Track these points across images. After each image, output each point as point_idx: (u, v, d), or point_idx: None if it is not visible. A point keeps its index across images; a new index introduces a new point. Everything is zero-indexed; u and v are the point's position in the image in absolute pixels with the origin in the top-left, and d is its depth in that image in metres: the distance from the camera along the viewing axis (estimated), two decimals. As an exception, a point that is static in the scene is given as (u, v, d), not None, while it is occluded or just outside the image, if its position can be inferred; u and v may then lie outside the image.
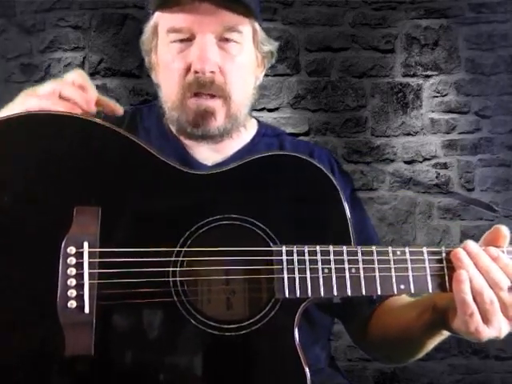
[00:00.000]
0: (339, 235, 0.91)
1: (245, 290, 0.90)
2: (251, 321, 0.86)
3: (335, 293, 0.86)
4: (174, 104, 1.10)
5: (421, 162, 3.24)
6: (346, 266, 0.87)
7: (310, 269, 0.87)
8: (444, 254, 0.89)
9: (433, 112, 3.25)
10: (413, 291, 0.88)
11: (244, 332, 0.85)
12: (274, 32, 3.17)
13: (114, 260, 0.85)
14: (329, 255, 0.87)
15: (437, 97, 3.25)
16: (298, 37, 3.22)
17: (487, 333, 0.89)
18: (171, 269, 0.86)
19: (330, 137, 3.19)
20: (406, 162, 3.25)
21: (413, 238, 3.24)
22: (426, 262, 0.89)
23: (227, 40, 1.08)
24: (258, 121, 1.27)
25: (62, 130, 0.91)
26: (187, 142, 1.15)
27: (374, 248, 0.89)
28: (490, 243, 0.91)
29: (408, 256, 0.88)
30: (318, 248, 0.88)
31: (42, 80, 3.20)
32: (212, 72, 1.06)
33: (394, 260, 0.88)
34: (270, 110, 3.18)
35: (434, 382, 3.15)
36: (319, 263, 0.87)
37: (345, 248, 0.88)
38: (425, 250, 0.89)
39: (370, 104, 3.24)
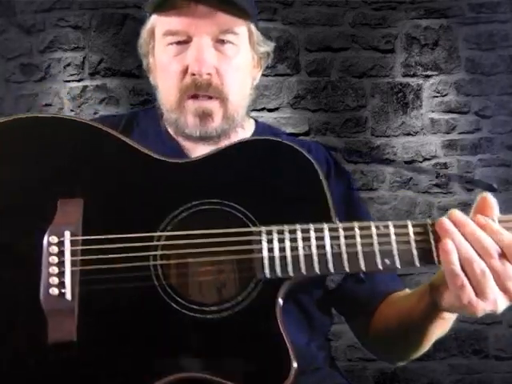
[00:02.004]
0: (320, 213, 0.90)
1: (225, 272, 0.90)
2: (233, 302, 0.86)
3: (317, 270, 0.85)
4: (172, 106, 1.11)
5: (421, 162, 3.25)
6: (328, 241, 0.85)
7: (291, 247, 0.86)
8: (430, 227, 0.86)
9: (433, 112, 3.25)
10: (399, 266, 0.85)
11: (226, 314, 0.85)
12: (274, 32, 3.17)
13: (95, 247, 0.87)
14: (309, 233, 0.86)
15: (437, 97, 3.25)
16: (298, 37, 3.22)
17: (482, 306, 0.83)
18: (151, 253, 0.87)
19: (329, 137, 3.19)
20: (406, 162, 3.25)
21: (413, 238, 3.24)
22: (411, 234, 0.85)
23: (223, 42, 1.09)
24: (256, 121, 1.28)
25: (46, 130, 0.97)
26: (185, 144, 1.16)
27: (355, 224, 0.87)
28: (478, 214, 0.88)
29: (392, 230, 0.86)
30: (297, 226, 0.87)
31: (41, 80, 3.20)
32: (209, 74, 1.07)
33: (377, 234, 0.86)
34: (270, 110, 3.18)
35: (433, 382, 3.15)
36: (299, 241, 0.86)
37: (325, 225, 0.87)
38: (409, 222, 0.86)
39: (370, 104, 3.24)
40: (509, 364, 3.15)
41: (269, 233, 0.87)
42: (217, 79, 1.09)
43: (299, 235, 0.86)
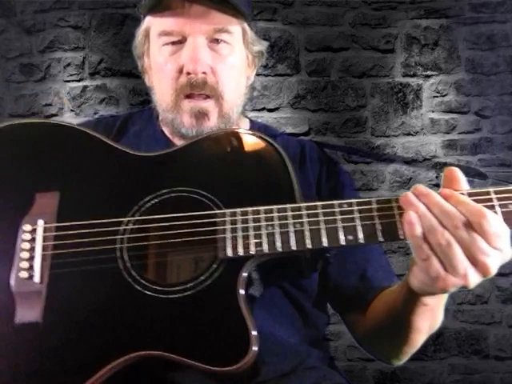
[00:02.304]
0: (285, 197, 0.92)
1: (189, 253, 0.92)
2: (196, 282, 0.88)
3: (279, 248, 0.86)
4: (168, 106, 1.12)
5: (421, 162, 3.25)
6: (290, 221, 0.87)
7: (254, 227, 0.88)
8: (394, 202, 0.86)
9: (433, 112, 3.25)
10: (362, 241, 0.85)
11: (189, 293, 0.87)
12: (273, 32, 3.17)
13: (66, 233, 0.92)
14: (272, 213, 0.88)
15: (437, 97, 3.25)
16: (298, 37, 3.22)
17: (451, 280, 0.79)
18: (118, 237, 0.92)
19: (330, 137, 3.19)
20: (406, 162, 3.25)
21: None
22: (375, 211, 0.86)
23: (218, 41, 1.10)
24: (251, 120, 1.28)
25: (28, 133, 1.06)
26: (180, 142, 1.16)
27: (318, 203, 0.89)
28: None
29: (355, 207, 0.87)
30: (261, 208, 0.89)
31: (41, 80, 3.20)
32: (204, 73, 1.08)
33: (340, 212, 0.87)
34: (269, 110, 3.18)
35: (434, 382, 3.15)
36: (262, 221, 0.88)
37: (288, 206, 0.89)
38: (374, 199, 0.87)
39: (370, 104, 3.24)
40: (509, 364, 3.15)
41: (233, 214, 0.90)
42: (212, 78, 1.10)
43: (262, 216, 0.89)
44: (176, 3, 1.08)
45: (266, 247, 0.87)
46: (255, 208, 0.89)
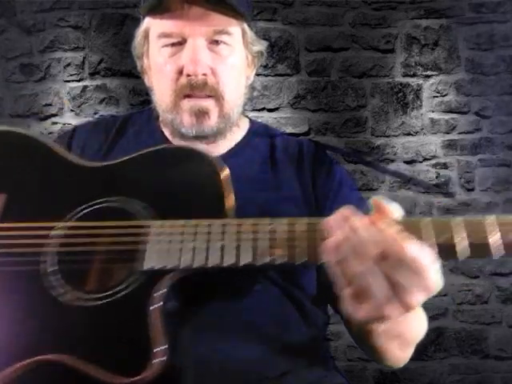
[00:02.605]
0: (216, 210, 0.92)
1: (110, 262, 0.92)
2: (113, 291, 0.89)
3: (194, 264, 0.86)
4: (168, 106, 1.12)
5: (421, 162, 3.25)
6: (214, 236, 0.86)
7: (176, 241, 0.88)
8: (317, 225, 0.82)
9: (433, 112, 3.25)
10: (286, 261, 0.83)
11: (103, 302, 0.88)
12: (273, 32, 3.18)
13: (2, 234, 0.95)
14: (196, 228, 0.88)
15: (437, 97, 3.25)
16: (298, 37, 3.22)
17: (370, 312, 0.74)
18: (46, 241, 0.93)
19: (330, 137, 3.19)
20: (405, 162, 3.25)
21: (413, 238, 3.24)
22: (302, 231, 0.83)
23: (217, 42, 1.10)
24: (251, 120, 1.28)
25: None
26: (180, 144, 1.16)
27: (246, 220, 0.87)
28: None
29: (284, 228, 0.84)
30: (186, 221, 0.89)
31: (41, 80, 3.20)
32: (204, 74, 1.08)
33: (268, 230, 0.85)
34: (269, 110, 3.18)
35: (434, 382, 3.15)
36: (186, 235, 0.87)
37: (215, 221, 0.88)
38: (305, 220, 0.84)
39: (370, 104, 3.24)
40: (509, 364, 3.15)
41: (157, 226, 0.90)
42: (212, 79, 1.09)
43: (186, 230, 0.88)
44: (175, 5, 1.08)
45: (182, 262, 0.86)
46: (181, 221, 0.89)
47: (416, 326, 1.02)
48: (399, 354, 1.05)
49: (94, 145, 1.18)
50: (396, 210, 0.78)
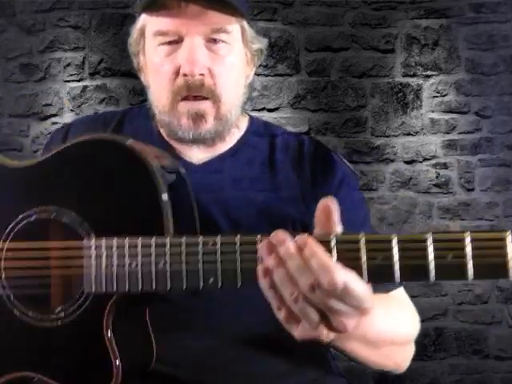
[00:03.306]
0: (154, 225, 0.87)
1: (59, 285, 0.90)
2: (63, 314, 0.88)
3: (139, 287, 0.83)
4: (165, 108, 1.09)
5: (421, 162, 3.25)
6: (153, 259, 0.82)
7: (117, 264, 0.85)
8: (258, 243, 0.78)
9: (433, 112, 3.25)
10: (219, 285, 0.80)
11: (55, 324, 0.89)
12: (274, 32, 3.17)
13: None
14: (136, 249, 0.84)
15: (437, 97, 3.25)
16: (298, 37, 3.22)
17: (307, 333, 0.75)
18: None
19: (329, 137, 3.19)
20: (406, 162, 3.25)
21: (413, 238, 3.23)
22: (238, 253, 0.79)
23: (215, 41, 1.07)
24: (251, 117, 1.24)
25: None
26: (177, 146, 1.14)
27: (183, 239, 0.82)
28: (322, 226, 0.76)
29: (218, 249, 0.80)
30: (126, 240, 0.84)
31: (41, 80, 3.20)
32: (201, 74, 1.05)
33: (203, 253, 0.80)
34: (269, 110, 3.18)
35: (434, 382, 3.15)
36: (126, 258, 0.84)
37: (153, 240, 0.83)
38: (238, 239, 0.80)
39: (370, 104, 3.24)
40: (509, 364, 3.15)
41: (98, 247, 0.86)
42: (209, 80, 1.06)
43: (127, 251, 0.84)
44: (172, 3, 1.04)
45: (127, 285, 0.84)
46: (120, 240, 0.85)
47: (385, 325, 0.98)
48: (371, 353, 1.01)
49: None
50: (338, 224, 0.75)
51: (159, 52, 1.08)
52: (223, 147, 1.15)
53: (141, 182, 0.89)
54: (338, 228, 0.75)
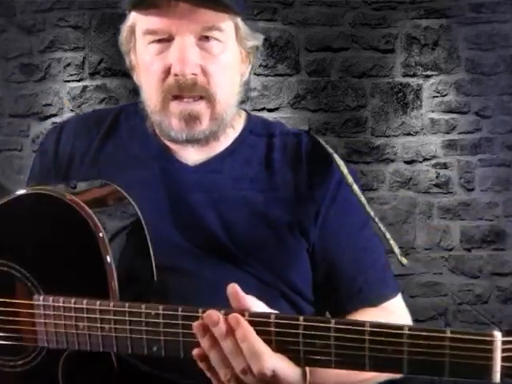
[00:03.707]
0: (98, 287, 0.87)
1: (15, 337, 0.93)
2: (24, 361, 0.92)
3: (88, 347, 0.86)
4: (156, 108, 1.06)
5: (421, 162, 3.25)
6: (99, 324, 0.85)
7: (66, 325, 0.87)
8: (200, 315, 0.79)
9: (433, 112, 3.25)
10: (163, 354, 0.82)
11: (19, 370, 0.92)
12: (273, 32, 3.17)
13: None
14: (83, 312, 0.86)
15: (437, 97, 3.25)
16: (298, 37, 3.22)
17: None
18: None
19: (329, 137, 3.19)
20: (406, 162, 3.25)
21: (413, 238, 3.24)
22: (180, 326, 0.80)
23: (208, 38, 1.03)
24: (249, 116, 1.20)
25: None
26: (172, 146, 1.12)
27: (126, 306, 0.83)
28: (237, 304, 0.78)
29: (161, 320, 0.81)
30: (72, 303, 0.86)
31: (41, 80, 3.20)
32: (194, 74, 1.02)
33: (145, 323, 0.82)
34: (269, 110, 3.18)
35: (434, 381, 3.14)
36: (73, 319, 0.86)
37: (98, 305, 0.84)
38: (180, 311, 0.80)
39: (370, 104, 3.24)
40: (509, 364, 3.15)
41: (47, 308, 0.88)
42: (202, 78, 1.03)
43: (73, 314, 0.86)
44: (161, 1, 1.00)
45: (76, 346, 0.87)
46: (67, 300, 0.86)
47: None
48: None
49: (82, 144, 1.14)
50: (254, 302, 0.78)
51: (149, 50, 1.05)
52: (219, 147, 1.13)
53: (84, 242, 0.88)
54: (250, 301, 0.78)
